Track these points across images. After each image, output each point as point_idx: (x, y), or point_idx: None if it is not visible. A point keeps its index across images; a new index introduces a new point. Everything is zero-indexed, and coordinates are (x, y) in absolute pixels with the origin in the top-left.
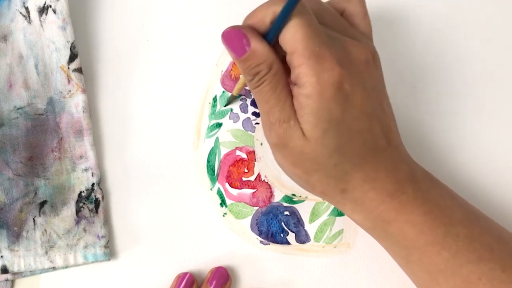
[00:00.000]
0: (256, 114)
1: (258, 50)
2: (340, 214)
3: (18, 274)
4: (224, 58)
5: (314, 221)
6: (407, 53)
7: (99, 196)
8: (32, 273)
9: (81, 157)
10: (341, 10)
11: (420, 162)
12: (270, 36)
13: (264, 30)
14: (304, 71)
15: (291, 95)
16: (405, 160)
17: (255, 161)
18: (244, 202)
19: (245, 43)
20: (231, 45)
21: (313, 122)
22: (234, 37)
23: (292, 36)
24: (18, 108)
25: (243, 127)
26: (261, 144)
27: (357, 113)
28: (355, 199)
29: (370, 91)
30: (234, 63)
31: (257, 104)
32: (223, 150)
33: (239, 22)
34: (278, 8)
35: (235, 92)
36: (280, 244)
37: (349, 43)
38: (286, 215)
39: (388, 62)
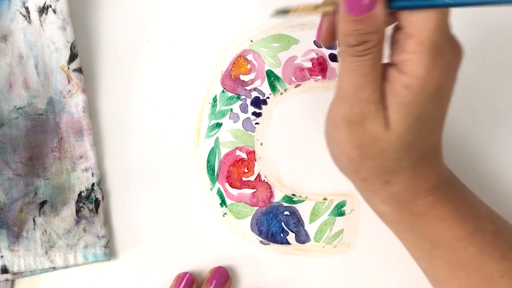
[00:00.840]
0: (256, 114)
1: (379, 16)
2: (340, 214)
3: (18, 274)
4: (224, 58)
5: (314, 221)
6: None
7: (99, 196)
8: (32, 273)
9: (81, 157)
10: None
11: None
12: (396, 5)
13: None
14: (415, 60)
15: (381, 72)
16: (443, 162)
17: (255, 161)
18: (244, 202)
19: (369, 3)
20: None
21: (402, 114)
22: None
23: (424, 20)
24: (18, 108)
25: (243, 127)
26: (261, 144)
27: (440, 115)
28: (392, 191)
29: (452, 94)
30: (234, 62)
31: (345, 74)
32: (223, 150)
33: (240, 22)
34: None
35: (297, 11)
36: (280, 244)
37: (458, 47)
38: (286, 215)
39: None
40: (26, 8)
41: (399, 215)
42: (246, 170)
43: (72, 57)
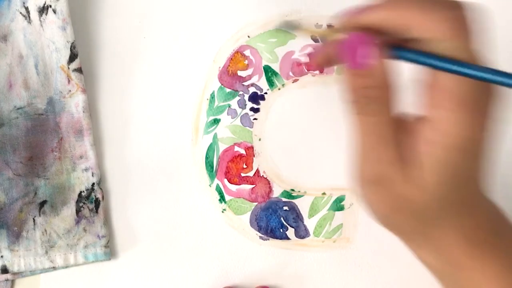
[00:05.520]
0: (254, 110)
1: (379, 70)
2: (339, 208)
3: (18, 274)
4: (221, 54)
5: (313, 215)
6: None
7: (99, 196)
8: (32, 273)
9: (81, 157)
10: None
11: None
12: (401, 55)
13: (398, 38)
14: (453, 119)
15: (396, 126)
16: (492, 211)
17: (254, 156)
18: (243, 198)
19: (366, 55)
20: (349, 50)
21: (438, 174)
22: (357, 43)
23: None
24: (18, 108)
25: (241, 123)
26: (260, 139)
27: (478, 168)
28: (432, 241)
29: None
30: (231, 58)
31: (360, 134)
32: (222, 146)
33: (236, 17)
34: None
35: (303, 30)
36: (280, 239)
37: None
38: (285, 210)
39: None
40: (26, 8)
41: (441, 265)
42: (244, 166)
43: (72, 57)
